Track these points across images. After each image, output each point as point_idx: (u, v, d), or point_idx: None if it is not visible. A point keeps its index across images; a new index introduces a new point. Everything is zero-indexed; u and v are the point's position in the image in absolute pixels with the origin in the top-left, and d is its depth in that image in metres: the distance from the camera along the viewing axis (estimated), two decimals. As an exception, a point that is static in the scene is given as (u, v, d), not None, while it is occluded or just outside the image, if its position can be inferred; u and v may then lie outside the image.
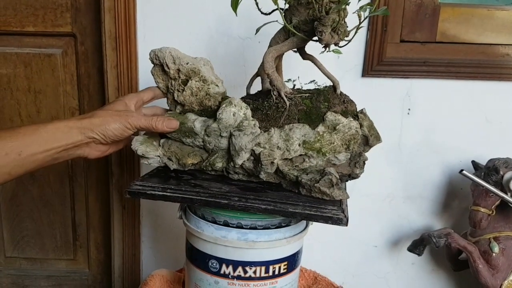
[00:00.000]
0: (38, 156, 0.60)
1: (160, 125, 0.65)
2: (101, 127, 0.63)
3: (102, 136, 0.64)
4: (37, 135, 0.60)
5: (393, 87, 0.96)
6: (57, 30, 1.03)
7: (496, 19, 0.91)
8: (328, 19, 0.56)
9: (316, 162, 0.63)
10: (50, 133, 0.61)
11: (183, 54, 0.71)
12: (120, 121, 0.64)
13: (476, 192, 0.89)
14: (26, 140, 0.59)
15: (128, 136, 0.67)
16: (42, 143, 0.60)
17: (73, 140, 0.62)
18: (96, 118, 0.64)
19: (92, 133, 0.63)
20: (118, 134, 0.64)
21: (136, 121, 0.65)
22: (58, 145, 0.61)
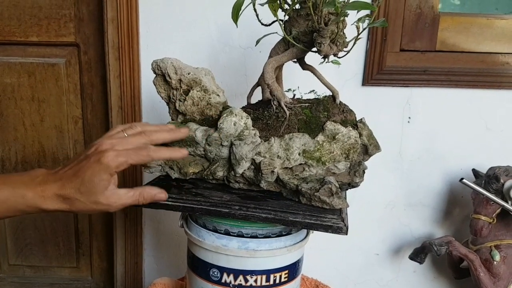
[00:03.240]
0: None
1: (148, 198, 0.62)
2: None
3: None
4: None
5: (394, 95, 0.97)
6: (61, 40, 1.05)
7: (495, 28, 0.92)
8: (327, 31, 0.57)
9: (316, 171, 0.63)
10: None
11: (185, 64, 0.72)
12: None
13: (477, 200, 0.90)
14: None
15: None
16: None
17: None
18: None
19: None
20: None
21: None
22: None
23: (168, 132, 0.64)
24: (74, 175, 0.58)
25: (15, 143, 1.11)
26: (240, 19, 0.64)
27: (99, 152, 0.58)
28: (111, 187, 0.59)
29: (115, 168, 0.58)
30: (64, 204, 0.58)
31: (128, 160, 0.58)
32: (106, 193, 0.58)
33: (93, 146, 0.60)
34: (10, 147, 1.11)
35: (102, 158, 0.57)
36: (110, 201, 0.58)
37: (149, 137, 0.62)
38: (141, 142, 0.61)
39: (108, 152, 0.58)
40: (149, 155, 0.60)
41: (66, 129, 1.11)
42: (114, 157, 0.57)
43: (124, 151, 0.59)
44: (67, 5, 1.02)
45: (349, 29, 0.62)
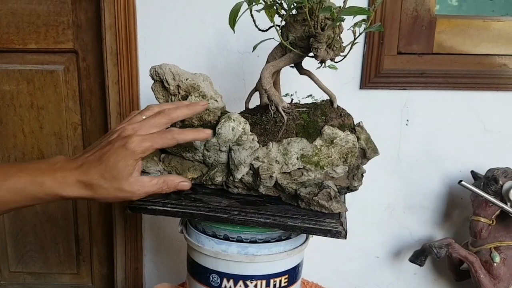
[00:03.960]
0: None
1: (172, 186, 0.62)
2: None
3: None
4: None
5: (391, 98, 0.97)
6: (59, 47, 1.05)
7: (492, 30, 0.92)
8: (323, 36, 0.57)
9: (314, 176, 0.64)
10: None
11: (183, 70, 0.72)
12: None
13: (476, 202, 0.90)
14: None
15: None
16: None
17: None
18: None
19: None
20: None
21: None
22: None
23: (187, 107, 0.63)
24: (98, 160, 0.56)
25: (14, 150, 1.11)
26: (238, 24, 0.64)
27: (124, 138, 0.57)
28: (135, 174, 0.58)
29: (141, 154, 0.57)
30: (86, 191, 0.57)
31: (154, 145, 0.58)
32: (130, 180, 0.57)
33: (116, 132, 0.59)
34: (9, 154, 1.11)
35: (128, 143, 0.56)
36: (133, 188, 0.57)
37: (169, 115, 0.61)
38: (162, 122, 0.60)
39: (133, 137, 0.57)
40: (174, 137, 0.59)
41: (65, 136, 1.11)
42: (140, 142, 0.57)
43: (148, 136, 0.58)
44: (65, 12, 1.02)
45: (346, 33, 0.63)
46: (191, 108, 0.63)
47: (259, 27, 0.67)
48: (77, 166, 0.57)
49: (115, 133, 0.59)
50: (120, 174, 0.56)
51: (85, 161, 0.57)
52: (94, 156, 0.57)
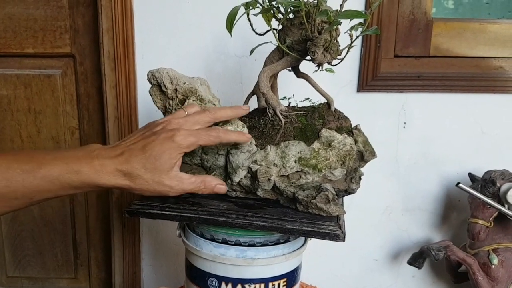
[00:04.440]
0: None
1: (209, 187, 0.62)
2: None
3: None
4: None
5: (389, 101, 0.97)
6: (57, 51, 1.05)
7: (488, 32, 0.93)
8: (320, 40, 0.57)
9: (312, 178, 0.64)
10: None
11: (180, 74, 0.72)
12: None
13: (474, 204, 0.90)
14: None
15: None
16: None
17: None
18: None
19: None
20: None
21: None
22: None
23: (230, 109, 0.63)
24: (141, 149, 0.55)
25: (11, 155, 1.11)
26: (235, 28, 0.64)
27: (170, 130, 0.57)
28: (175, 168, 0.57)
29: (185, 148, 0.57)
30: (125, 180, 0.55)
31: (199, 141, 0.57)
32: (171, 174, 0.57)
33: (160, 124, 0.58)
34: (7, 158, 1.11)
35: (175, 136, 0.56)
36: (172, 183, 0.57)
37: (214, 114, 0.61)
38: (206, 120, 0.60)
39: (180, 130, 0.56)
40: (219, 136, 0.59)
41: (63, 140, 1.11)
42: (186, 136, 0.56)
43: (195, 131, 0.58)
44: (62, 17, 1.02)
45: (343, 36, 0.63)
46: (234, 110, 0.63)
47: (256, 31, 0.68)
48: (117, 154, 0.56)
49: (159, 125, 0.58)
50: (162, 166, 0.56)
51: (126, 149, 0.56)
52: (136, 145, 0.57)
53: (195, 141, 0.57)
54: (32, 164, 0.53)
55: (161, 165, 0.56)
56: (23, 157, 0.55)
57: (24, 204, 0.55)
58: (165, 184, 0.57)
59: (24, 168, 0.53)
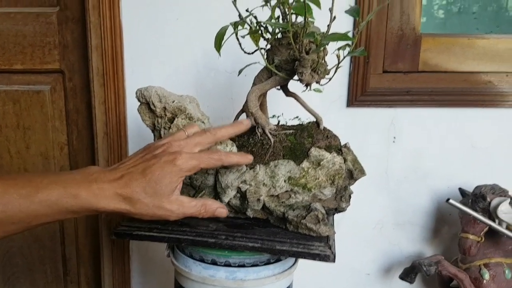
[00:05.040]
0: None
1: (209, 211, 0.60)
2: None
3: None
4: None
5: (378, 116, 0.97)
6: (45, 67, 1.04)
7: (477, 47, 0.93)
8: (308, 61, 0.57)
9: (302, 198, 0.63)
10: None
11: (169, 92, 0.72)
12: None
13: (465, 219, 0.90)
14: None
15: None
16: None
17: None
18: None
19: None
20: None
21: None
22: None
23: (231, 126, 0.62)
24: (142, 173, 0.55)
25: (0, 171, 1.10)
26: (225, 44, 0.64)
27: (172, 153, 0.56)
28: (176, 192, 0.57)
29: (187, 172, 0.56)
30: (124, 205, 0.54)
31: (200, 164, 0.57)
32: (171, 198, 0.56)
33: (161, 147, 0.57)
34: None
35: (176, 159, 0.55)
36: (173, 207, 0.56)
37: (215, 135, 0.60)
38: (207, 142, 0.60)
39: (182, 154, 0.56)
40: (221, 158, 0.58)
41: (51, 156, 1.10)
42: (188, 160, 0.56)
43: (197, 155, 0.57)
44: (51, 33, 1.02)
45: (331, 54, 0.63)
46: (235, 127, 0.63)
47: (245, 50, 0.68)
48: (117, 178, 0.55)
49: (159, 148, 0.58)
50: (162, 190, 0.55)
51: (126, 173, 0.55)
52: (136, 168, 0.56)
53: (197, 164, 0.57)
54: (29, 188, 0.53)
55: (161, 189, 0.55)
56: (21, 181, 0.54)
57: (20, 229, 0.54)
58: (165, 208, 0.56)
59: (21, 193, 0.52)
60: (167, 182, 0.55)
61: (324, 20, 0.61)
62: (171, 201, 0.56)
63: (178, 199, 0.57)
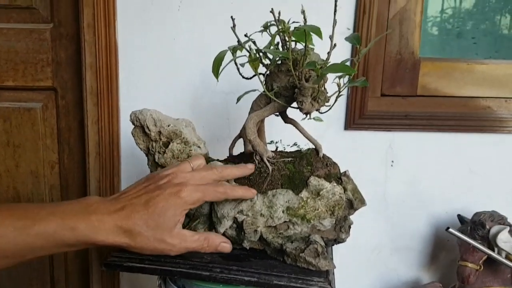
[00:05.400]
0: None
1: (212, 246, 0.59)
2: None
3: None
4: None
5: (376, 139, 0.96)
6: (38, 84, 1.02)
7: (476, 72, 0.93)
8: (308, 90, 0.56)
9: (300, 229, 0.61)
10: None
11: (165, 116, 0.71)
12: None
13: (463, 247, 0.88)
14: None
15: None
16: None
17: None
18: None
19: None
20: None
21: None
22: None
23: (237, 168, 0.61)
24: (144, 204, 0.53)
25: (-12, 190, 1.07)
26: (222, 65, 0.62)
27: (176, 185, 0.54)
28: (179, 226, 0.55)
29: (191, 205, 0.54)
30: (124, 238, 0.52)
31: (205, 197, 0.55)
32: (173, 232, 0.54)
33: (165, 177, 0.55)
34: (-17, 194, 1.07)
35: (181, 191, 0.53)
36: (175, 241, 0.54)
37: (221, 173, 0.59)
38: (213, 178, 0.58)
39: (187, 185, 0.54)
40: (226, 192, 0.57)
41: (42, 174, 1.07)
42: (193, 192, 0.54)
43: (202, 187, 0.55)
44: (44, 50, 1.00)
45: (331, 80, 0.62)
46: (240, 170, 0.61)
47: (244, 75, 0.66)
48: (117, 209, 0.53)
49: (164, 178, 0.55)
50: (165, 223, 0.53)
51: (128, 204, 0.53)
52: (139, 199, 0.53)
53: (202, 197, 0.55)
54: (25, 220, 0.50)
55: (164, 223, 0.53)
56: (17, 212, 0.51)
57: (14, 263, 0.52)
58: (167, 242, 0.54)
59: (16, 225, 0.50)
60: (171, 215, 0.53)
61: (323, 46, 0.60)
62: (173, 235, 0.54)
63: (180, 233, 0.55)
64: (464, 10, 1.02)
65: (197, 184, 0.55)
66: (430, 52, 0.99)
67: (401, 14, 0.90)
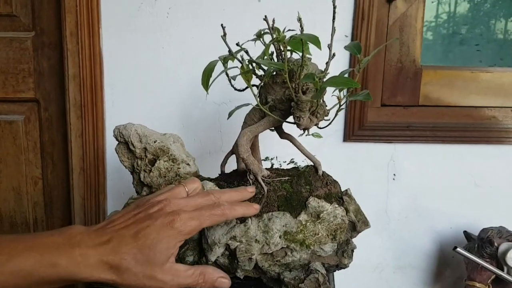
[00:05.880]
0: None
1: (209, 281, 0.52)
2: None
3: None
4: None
5: (377, 152, 0.92)
6: (19, 96, 0.97)
7: (480, 81, 0.89)
8: (306, 104, 0.51)
9: (299, 256, 0.56)
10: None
11: (151, 131, 0.65)
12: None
13: (470, 266, 0.84)
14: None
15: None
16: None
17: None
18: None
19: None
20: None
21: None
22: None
23: (236, 192, 0.55)
24: (134, 236, 0.46)
25: (-33, 208, 1.01)
26: (213, 74, 0.57)
27: (169, 214, 0.48)
28: (171, 259, 0.48)
29: (187, 235, 0.48)
30: (110, 274, 0.46)
31: (202, 224, 0.49)
32: (165, 266, 0.47)
33: (157, 204, 0.49)
34: (-39, 212, 1.01)
35: (174, 221, 0.47)
36: (167, 277, 0.48)
37: (218, 199, 0.52)
38: (209, 204, 0.52)
39: (180, 214, 0.48)
40: (224, 213, 0.51)
41: (24, 191, 1.01)
42: (188, 221, 0.48)
43: (197, 213, 0.49)
44: (26, 59, 0.95)
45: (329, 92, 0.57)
46: (239, 193, 0.56)
47: (236, 86, 0.61)
48: (103, 242, 0.47)
49: (155, 206, 0.49)
50: (157, 257, 0.47)
51: (115, 235, 0.47)
52: (128, 230, 0.47)
53: (198, 225, 0.49)
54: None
55: (155, 257, 0.47)
56: None
57: None
58: (157, 279, 0.48)
59: None
60: (163, 248, 0.47)
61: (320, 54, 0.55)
62: (165, 270, 0.48)
63: (173, 268, 0.49)
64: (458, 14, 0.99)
65: (190, 211, 0.50)
66: (432, 59, 0.94)
67: (401, 20, 0.86)
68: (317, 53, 0.55)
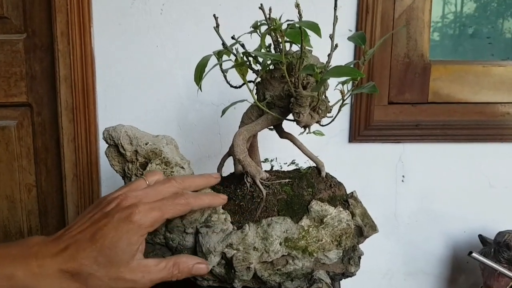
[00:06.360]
0: None
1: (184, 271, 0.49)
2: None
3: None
4: None
5: (384, 152, 0.90)
6: (11, 100, 0.94)
7: (493, 76, 0.86)
8: (306, 99, 0.47)
9: (302, 264, 0.52)
10: None
11: (142, 133, 0.62)
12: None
13: (487, 271, 0.80)
14: None
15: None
16: None
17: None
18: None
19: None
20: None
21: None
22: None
23: (200, 177, 0.53)
24: (90, 239, 0.44)
25: (-42, 218, 0.98)
26: (211, 73, 0.55)
27: (126, 208, 0.45)
28: (138, 255, 0.45)
29: (149, 227, 0.45)
30: (73, 283, 0.43)
31: (164, 215, 0.46)
32: (132, 264, 0.45)
33: (113, 201, 0.47)
34: (-47, 221, 0.98)
35: (132, 215, 0.44)
36: (136, 275, 0.45)
37: (181, 184, 0.50)
38: (172, 191, 0.49)
39: (138, 206, 0.45)
40: (189, 202, 0.48)
41: (18, 199, 0.98)
42: (147, 212, 0.45)
43: (157, 203, 0.46)
44: (17, 62, 0.92)
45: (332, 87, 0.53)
46: (204, 179, 0.54)
47: (231, 83, 0.58)
48: (60, 250, 0.44)
49: (112, 202, 0.46)
50: (119, 257, 0.44)
51: (72, 242, 0.44)
52: (84, 234, 0.45)
53: (160, 215, 0.46)
54: None
55: (118, 256, 0.44)
56: None
57: None
58: (126, 279, 0.45)
59: None
60: (124, 245, 0.44)
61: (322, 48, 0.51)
62: (133, 268, 0.45)
63: (141, 264, 0.46)
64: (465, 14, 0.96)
65: (151, 202, 0.46)
66: (441, 54, 0.91)
67: (408, 13, 0.82)
68: (318, 46, 0.52)
